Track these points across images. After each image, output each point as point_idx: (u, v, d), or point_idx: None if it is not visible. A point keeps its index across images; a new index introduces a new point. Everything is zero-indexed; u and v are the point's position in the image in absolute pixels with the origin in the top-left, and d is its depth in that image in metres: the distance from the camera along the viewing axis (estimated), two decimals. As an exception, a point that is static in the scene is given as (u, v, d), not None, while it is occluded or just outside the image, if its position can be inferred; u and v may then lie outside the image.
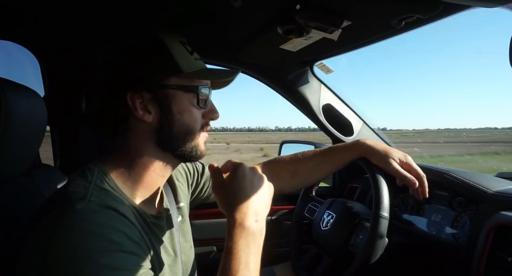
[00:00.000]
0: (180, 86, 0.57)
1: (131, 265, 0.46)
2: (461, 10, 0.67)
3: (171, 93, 0.57)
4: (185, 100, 0.58)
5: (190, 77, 0.58)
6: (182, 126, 0.58)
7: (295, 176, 0.91)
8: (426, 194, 0.79)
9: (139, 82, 0.55)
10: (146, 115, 0.56)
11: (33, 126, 0.63)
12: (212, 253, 1.26)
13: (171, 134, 0.58)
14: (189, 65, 0.58)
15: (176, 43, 0.58)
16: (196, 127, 0.59)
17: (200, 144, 0.61)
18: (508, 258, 0.66)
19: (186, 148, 0.59)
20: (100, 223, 0.45)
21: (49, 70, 1.09)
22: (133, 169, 0.57)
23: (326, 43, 0.85)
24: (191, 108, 0.58)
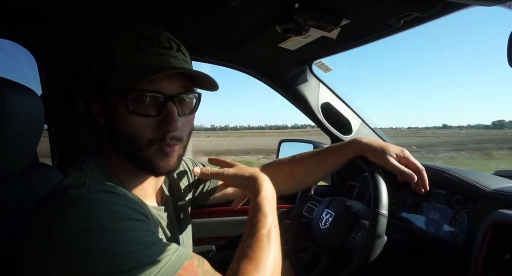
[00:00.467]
0: (114, 89, 0.49)
1: (142, 228, 0.45)
2: (460, 9, 0.67)
3: (108, 96, 0.51)
4: (120, 106, 0.49)
5: (129, 78, 0.48)
6: (121, 134, 0.51)
7: (294, 177, 0.91)
8: (426, 187, 0.79)
9: (93, 84, 0.55)
10: (99, 117, 0.55)
11: (30, 125, 0.62)
12: (211, 252, 1.26)
13: (116, 141, 0.54)
14: (129, 64, 0.49)
15: (126, 38, 0.51)
16: (139, 138, 0.50)
17: (153, 158, 0.52)
18: (506, 255, 0.66)
19: (135, 159, 0.52)
20: (103, 200, 0.44)
21: (46, 68, 1.09)
22: (115, 168, 0.56)
23: (325, 41, 0.85)
24: (127, 116, 0.49)
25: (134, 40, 0.50)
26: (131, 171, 0.56)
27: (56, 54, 1.08)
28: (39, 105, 0.64)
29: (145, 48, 0.50)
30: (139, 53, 0.49)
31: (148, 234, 0.45)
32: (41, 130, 0.67)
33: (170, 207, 0.66)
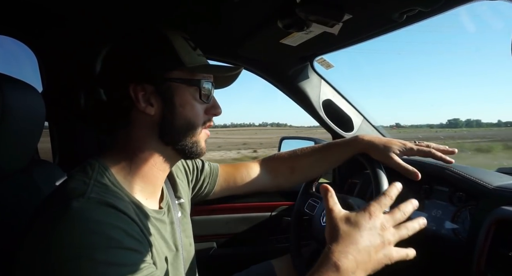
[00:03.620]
0: (183, 80, 0.58)
1: (131, 261, 0.45)
2: (464, 3, 0.66)
3: (173, 86, 0.57)
4: (187, 94, 0.58)
5: (192, 72, 0.58)
6: (183, 119, 0.58)
7: (294, 172, 0.91)
8: (446, 159, 0.77)
9: (142, 75, 0.56)
10: (148, 107, 0.56)
11: (31, 122, 0.62)
12: (212, 249, 1.27)
13: (172, 128, 0.58)
14: (192, 59, 0.58)
15: (179, 38, 0.59)
16: (197, 122, 0.59)
17: (201, 141, 0.61)
18: (509, 253, 0.65)
19: (187, 143, 0.59)
20: (99, 220, 0.45)
21: (47, 65, 1.08)
22: (134, 163, 0.57)
23: (326, 37, 0.84)
24: (193, 102, 0.59)
25: (186, 41, 0.60)
26: (155, 166, 0.59)
27: (57, 51, 1.08)
28: (40, 102, 0.64)
29: (195, 49, 0.61)
30: (194, 52, 0.60)
31: (132, 268, 0.45)
32: (42, 127, 0.67)
33: (169, 207, 0.66)
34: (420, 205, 0.94)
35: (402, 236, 0.52)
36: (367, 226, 0.49)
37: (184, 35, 0.61)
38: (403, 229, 0.52)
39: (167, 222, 0.63)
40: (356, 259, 0.46)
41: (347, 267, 0.45)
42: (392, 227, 0.51)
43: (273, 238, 1.34)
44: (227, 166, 0.90)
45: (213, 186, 0.86)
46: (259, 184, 0.90)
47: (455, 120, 73.55)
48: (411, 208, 0.55)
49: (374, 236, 0.48)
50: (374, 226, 0.49)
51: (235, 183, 0.88)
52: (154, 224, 0.58)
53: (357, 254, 0.46)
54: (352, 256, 0.46)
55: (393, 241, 0.50)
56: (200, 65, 0.59)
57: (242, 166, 0.90)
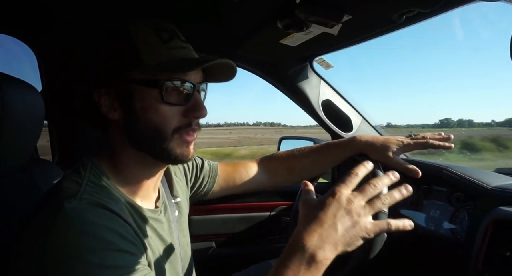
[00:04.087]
0: (142, 81, 0.51)
1: (124, 263, 0.45)
2: (463, 4, 0.66)
3: (133, 88, 0.51)
4: (149, 97, 0.51)
5: (154, 71, 0.51)
6: (147, 124, 0.52)
7: (291, 172, 0.91)
8: (446, 145, 0.76)
9: (103, 78, 0.53)
10: (111, 112, 0.53)
11: (30, 121, 0.62)
12: (211, 249, 1.27)
13: (137, 133, 0.53)
14: (155, 56, 0.51)
15: (146, 30, 0.52)
16: (165, 127, 0.53)
17: (175, 148, 0.54)
18: (506, 253, 0.66)
19: (156, 149, 0.54)
20: (91, 222, 0.45)
21: (46, 65, 1.08)
22: (118, 167, 0.56)
23: (326, 38, 0.84)
24: (157, 106, 0.51)
25: (156, 33, 0.52)
26: (137, 169, 0.56)
27: (56, 50, 1.08)
28: (39, 101, 0.64)
29: (169, 41, 0.52)
30: (164, 45, 0.52)
31: (126, 271, 0.45)
32: (41, 126, 0.67)
33: (166, 207, 0.66)
34: (419, 205, 0.95)
35: (377, 208, 0.49)
36: (330, 203, 0.48)
37: (158, 26, 0.53)
38: (376, 201, 0.49)
39: (164, 221, 0.63)
40: (321, 235, 0.46)
41: (311, 244, 0.45)
42: (361, 200, 0.49)
43: (272, 238, 1.34)
44: (226, 165, 0.90)
45: (212, 185, 0.86)
46: (257, 184, 0.90)
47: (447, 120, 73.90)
48: (387, 181, 0.52)
49: (339, 210, 0.48)
50: (338, 202, 0.48)
51: (234, 182, 0.88)
52: (150, 224, 0.57)
53: (321, 230, 0.46)
54: (316, 232, 0.46)
55: (365, 213, 0.48)
56: (163, 63, 0.51)
57: (240, 166, 0.90)
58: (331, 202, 0.48)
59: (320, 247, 0.45)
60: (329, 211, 0.48)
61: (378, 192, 0.50)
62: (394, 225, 0.49)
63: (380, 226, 0.48)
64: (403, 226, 0.50)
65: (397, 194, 0.51)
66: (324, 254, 0.45)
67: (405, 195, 0.51)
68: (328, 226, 0.46)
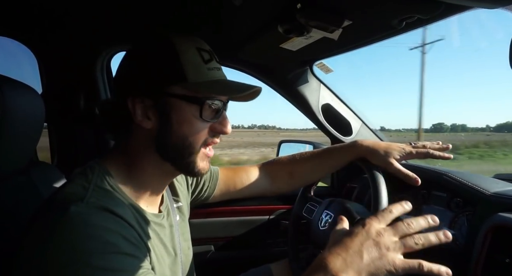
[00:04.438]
0: (184, 96, 0.54)
1: (128, 267, 0.45)
2: (462, 11, 0.67)
3: (173, 102, 0.54)
4: (187, 111, 0.54)
5: (196, 89, 0.54)
6: (180, 138, 0.55)
7: (293, 177, 0.91)
8: (445, 155, 0.78)
9: (142, 87, 0.54)
10: (145, 121, 0.54)
11: (31, 124, 0.62)
12: (209, 252, 1.26)
13: (168, 144, 0.55)
14: (198, 75, 0.54)
15: (190, 49, 0.54)
16: (196, 141, 0.56)
17: (198, 161, 0.57)
18: (506, 259, 0.66)
19: (183, 161, 0.57)
20: (97, 225, 0.45)
21: (47, 67, 1.09)
22: (133, 171, 0.57)
23: (326, 42, 0.84)
24: (192, 120, 0.55)
25: (198, 52, 0.55)
26: (154, 176, 0.58)
27: (57, 53, 1.08)
28: (40, 104, 0.64)
29: (209, 62, 0.56)
30: (205, 65, 0.55)
31: (129, 274, 0.45)
32: (41, 128, 0.67)
33: (169, 211, 0.66)
34: (418, 210, 0.95)
35: (408, 246, 0.48)
36: (358, 232, 0.49)
37: (199, 45, 0.56)
38: (409, 239, 0.48)
39: (166, 226, 0.63)
40: (346, 260, 0.46)
41: (334, 265, 0.45)
42: (392, 236, 0.49)
43: (271, 242, 1.34)
44: (227, 170, 0.90)
45: (213, 190, 0.86)
46: (258, 189, 0.91)
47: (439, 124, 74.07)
48: (424, 223, 0.50)
49: (367, 240, 0.48)
50: (367, 233, 0.49)
51: (234, 187, 0.88)
52: (153, 228, 0.57)
53: (346, 255, 0.47)
54: (341, 256, 0.46)
55: (394, 248, 0.47)
56: (205, 82, 0.54)
57: (241, 170, 0.90)
58: (359, 232, 0.49)
59: (343, 271, 0.45)
60: (356, 239, 0.48)
61: (411, 231, 0.49)
62: (426, 267, 0.46)
63: (410, 265, 0.46)
64: (438, 271, 0.47)
65: (433, 237, 0.49)
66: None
67: (442, 240, 0.49)
68: (353, 252, 0.47)
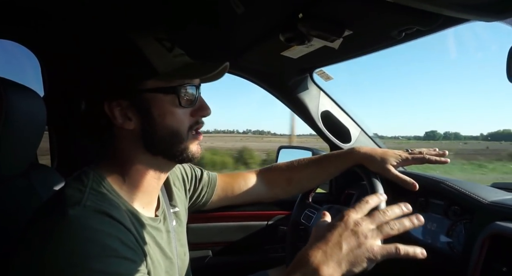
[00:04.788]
0: (158, 89, 0.54)
1: (126, 270, 0.46)
2: (461, 23, 0.68)
3: (149, 97, 0.54)
4: (165, 103, 0.55)
5: (168, 79, 0.54)
6: (166, 129, 0.55)
7: (291, 183, 0.91)
8: (442, 160, 0.80)
9: (115, 90, 0.53)
10: (126, 122, 0.54)
11: (32, 126, 0.62)
12: (207, 257, 1.26)
13: (155, 139, 0.55)
14: (166, 64, 0.54)
15: (151, 41, 0.54)
16: (181, 129, 0.56)
17: (190, 146, 0.58)
18: (503, 268, 0.66)
19: (175, 151, 0.57)
20: (94, 229, 0.45)
21: (49, 70, 1.09)
22: (127, 174, 0.57)
23: (326, 51, 0.86)
24: (173, 110, 0.55)
25: (159, 42, 0.54)
26: (148, 173, 0.58)
27: (59, 56, 1.08)
28: (42, 107, 0.64)
29: (172, 49, 0.56)
30: (170, 54, 0.55)
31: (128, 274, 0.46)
32: (43, 131, 0.67)
33: (165, 216, 0.66)
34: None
35: (385, 233, 0.49)
36: (337, 225, 0.50)
37: (157, 35, 0.55)
38: (385, 226, 0.50)
39: (163, 230, 0.63)
40: (326, 252, 0.47)
41: (315, 258, 0.47)
42: (369, 224, 0.49)
43: (269, 248, 1.34)
44: (225, 176, 0.90)
45: (211, 195, 0.86)
46: (256, 195, 0.91)
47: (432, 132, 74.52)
48: (398, 211, 0.52)
49: (345, 231, 0.49)
50: (345, 224, 0.50)
51: (232, 193, 0.88)
52: (149, 232, 0.57)
53: (326, 247, 0.48)
54: (321, 250, 0.48)
55: (372, 235, 0.48)
56: (176, 70, 0.54)
57: (240, 176, 0.91)
58: (338, 224, 0.50)
59: (324, 263, 0.46)
60: (335, 231, 0.49)
61: (387, 219, 0.51)
62: (403, 250, 0.48)
63: (387, 250, 0.48)
64: (413, 253, 0.48)
65: (407, 222, 0.50)
66: (328, 270, 0.46)
67: (416, 224, 0.50)
68: (332, 244, 0.48)
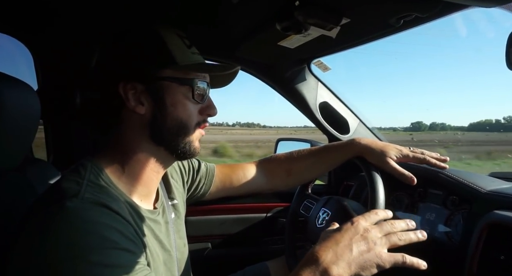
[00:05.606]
0: (175, 78, 0.56)
1: (126, 262, 0.45)
2: (460, 9, 0.67)
3: (165, 85, 0.55)
4: (179, 93, 0.56)
5: (186, 70, 0.57)
6: (175, 119, 0.56)
7: (290, 174, 0.91)
8: (441, 165, 0.81)
9: (132, 73, 0.54)
10: (138, 106, 0.55)
11: (26, 120, 0.62)
12: (206, 249, 1.26)
13: (163, 128, 0.56)
14: (185, 58, 0.57)
15: (173, 35, 0.57)
16: (190, 122, 0.58)
17: (194, 141, 0.60)
18: (501, 256, 0.66)
19: (179, 143, 0.58)
20: (93, 221, 0.45)
21: (43, 63, 1.07)
22: (127, 164, 0.56)
23: (324, 40, 0.84)
24: (185, 102, 0.57)
25: (181, 39, 0.58)
26: (148, 165, 0.58)
27: (53, 50, 1.07)
28: (36, 100, 0.64)
29: (191, 47, 0.59)
30: (189, 50, 0.58)
31: (127, 270, 0.45)
32: (37, 125, 0.67)
33: (164, 208, 0.66)
34: (414, 208, 0.96)
35: (393, 242, 0.53)
36: (347, 228, 0.54)
37: (179, 32, 0.59)
38: (393, 235, 0.54)
39: (162, 223, 0.63)
40: (336, 252, 0.49)
41: (326, 258, 0.49)
42: (378, 233, 0.53)
43: (268, 239, 1.34)
44: (223, 167, 0.90)
45: (209, 186, 0.86)
46: (255, 186, 0.91)
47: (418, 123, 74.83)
48: (404, 225, 0.56)
49: (355, 235, 0.52)
50: (355, 229, 0.53)
51: (231, 184, 0.88)
52: (148, 225, 0.57)
53: (337, 248, 0.50)
54: (332, 249, 0.50)
55: (381, 243, 0.52)
56: (193, 64, 0.58)
57: (238, 167, 0.90)
58: (348, 228, 0.53)
59: (334, 263, 0.48)
60: (346, 234, 0.52)
61: (394, 230, 0.55)
62: (409, 260, 0.52)
63: (395, 258, 0.51)
64: (417, 264, 0.53)
65: (413, 235, 0.55)
66: (338, 270, 0.48)
67: (420, 239, 0.56)
68: (343, 245, 0.50)
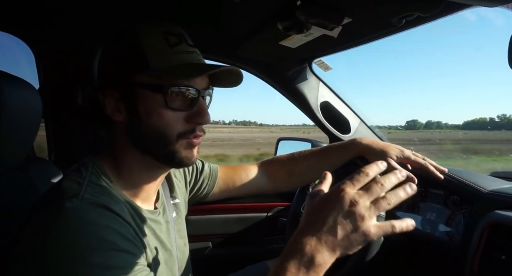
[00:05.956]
0: (148, 85, 0.51)
1: (125, 263, 0.45)
2: (462, 9, 0.67)
3: (138, 92, 0.52)
4: (153, 101, 0.51)
5: (159, 76, 0.51)
6: (151, 129, 0.52)
7: (292, 175, 0.91)
8: (439, 176, 0.80)
9: (109, 79, 0.53)
10: (115, 113, 0.53)
11: (27, 119, 0.62)
12: (207, 249, 1.27)
13: (140, 136, 0.53)
14: (163, 60, 0.51)
15: (154, 34, 0.52)
16: (169, 132, 0.52)
17: (180, 151, 0.54)
18: (502, 256, 0.66)
19: (161, 152, 0.54)
20: (93, 222, 0.45)
21: (44, 62, 1.08)
22: (121, 168, 0.56)
23: (325, 40, 0.84)
24: (160, 110, 0.51)
25: (163, 36, 0.52)
26: (140, 171, 0.56)
27: (54, 48, 1.07)
28: (37, 99, 0.64)
29: (176, 46, 0.52)
30: (171, 50, 0.52)
31: (127, 271, 0.45)
32: (39, 124, 0.67)
33: (165, 208, 0.66)
34: (415, 208, 0.96)
35: (382, 208, 0.46)
36: (333, 205, 0.46)
37: (167, 29, 0.53)
38: (382, 201, 0.46)
39: (162, 223, 0.63)
40: (320, 239, 0.44)
41: (310, 246, 0.43)
42: (367, 201, 0.45)
43: (269, 239, 1.35)
44: (226, 168, 0.90)
45: (212, 187, 0.85)
46: (257, 187, 0.91)
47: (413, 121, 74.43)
48: (395, 180, 0.48)
49: (340, 212, 0.45)
50: (341, 204, 0.45)
51: (234, 185, 0.88)
52: (148, 225, 0.57)
53: (319, 234, 0.44)
54: (314, 236, 0.44)
55: (369, 215, 0.45)
56: (165, 68, 0.51)
57: (241, 169, 0.90)
58: (334, 204, 0.46)
59: (319, 251, 0.43)
60: (330, 215, 0.45)
61: (385, 192, 0.47)
62: (398, 227, 0.46)
63: (384, 229, 0.46)
64: (406, 226, 0.47)
65: (402, 193, 0.47)
66: (323, 258, 0.43)
67: (410, 193, 0.48)
68: (327, 229, 0.44)
